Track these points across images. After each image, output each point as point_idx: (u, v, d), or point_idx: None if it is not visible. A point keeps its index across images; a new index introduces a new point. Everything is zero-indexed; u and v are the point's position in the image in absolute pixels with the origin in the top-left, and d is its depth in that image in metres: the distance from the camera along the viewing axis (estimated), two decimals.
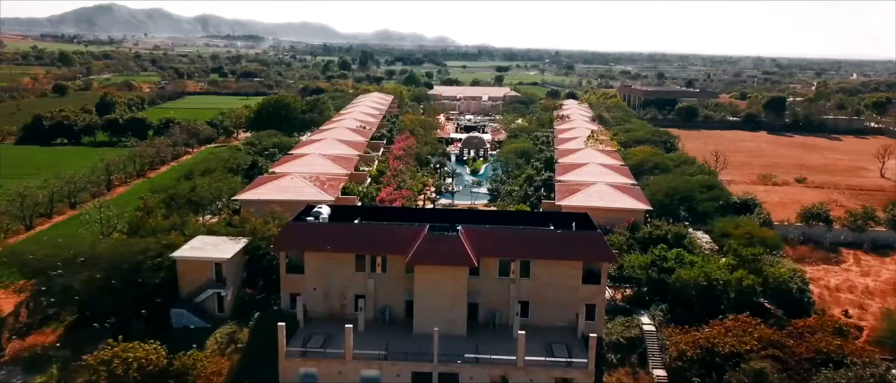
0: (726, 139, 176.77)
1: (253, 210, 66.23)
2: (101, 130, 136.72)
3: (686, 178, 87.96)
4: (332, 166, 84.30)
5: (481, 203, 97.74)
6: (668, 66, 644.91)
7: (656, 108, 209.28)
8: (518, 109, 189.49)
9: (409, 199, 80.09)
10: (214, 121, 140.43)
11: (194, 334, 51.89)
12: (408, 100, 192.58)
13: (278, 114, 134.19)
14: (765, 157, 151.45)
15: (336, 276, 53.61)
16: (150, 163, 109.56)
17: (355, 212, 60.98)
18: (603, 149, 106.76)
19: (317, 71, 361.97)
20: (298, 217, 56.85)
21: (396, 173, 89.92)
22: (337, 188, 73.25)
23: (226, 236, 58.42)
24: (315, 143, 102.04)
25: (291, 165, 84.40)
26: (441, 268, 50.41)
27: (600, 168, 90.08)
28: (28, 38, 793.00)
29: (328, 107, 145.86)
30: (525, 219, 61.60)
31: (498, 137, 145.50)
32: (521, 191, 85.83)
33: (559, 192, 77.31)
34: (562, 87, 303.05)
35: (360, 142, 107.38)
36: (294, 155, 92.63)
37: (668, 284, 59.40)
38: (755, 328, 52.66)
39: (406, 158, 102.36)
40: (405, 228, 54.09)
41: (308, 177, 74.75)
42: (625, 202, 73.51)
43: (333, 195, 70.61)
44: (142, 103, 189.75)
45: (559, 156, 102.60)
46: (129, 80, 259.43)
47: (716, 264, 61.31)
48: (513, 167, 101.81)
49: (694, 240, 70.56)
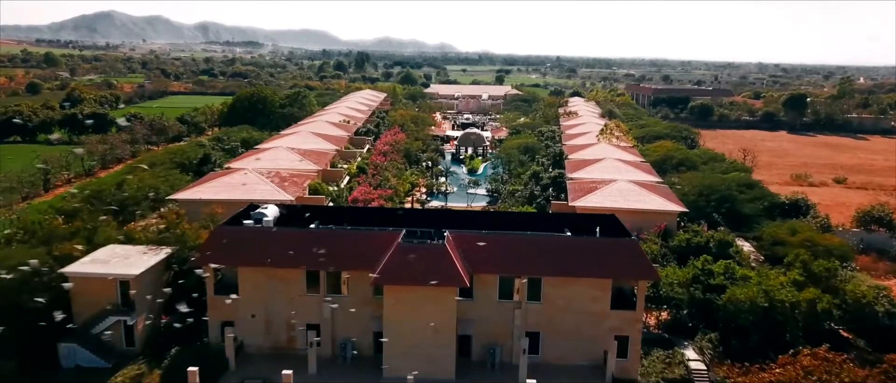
0: (745, 138, 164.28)
1: (189, 211, 52.87)
2: (58, 127, 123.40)
3: (721, 176, 74.32)
4: (301, 162, 70.90)
5: (479, 206, 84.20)
6: (672, 71, 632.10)
7: (668, 107, 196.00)
8: (520, 108, 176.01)
9: (391, 200, 66.59)
10: (186, 118, 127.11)
11: (90, 376, 38.51)
12: (402, 97, 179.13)
13: (254, 108, 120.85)
14: (791, 157, 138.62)
15: (281, 299, 40.11)
16: (101, 162, 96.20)
17: (315, 213, 47.52)
18: (619, 145, 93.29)
19: (311, 73, 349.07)
20: (234, 219, 43.37)
21: (377, 170, 76.41)
22: (301, 186, 59.76)
23: (146, 246, 44.95)
24: (286, 137, 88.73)
25: (252, 161, 71.05)
26: (420, 290, 36.88)
27: (619, 164, 76.61)
28: (23, 43, 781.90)
29: (310, 102, 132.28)
30: (533, 221, 47.96)
31: (498, 135, 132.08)
32: (526, 190, 72.21)
33: (573, 191, 63.69)
34: (565, 89, 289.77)
35: (340, 136, 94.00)
36: (260, 149, 79.32)
37: (718, 306, 45.98)
38: (843, 368, 39.28)
39: (393, 155, 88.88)
40: (374, 235, 40.59)
41: (267, 174, 61.27)
42: (654, 202, 59.88)
43: (295, 194, 57.11)
44: (116, 101, 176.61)
45: (569, 152, 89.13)
46: (110, 80, 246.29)
47: (777, 280, 47.75)
48: (516, 165, 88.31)
49: (740, 249, 57.03)
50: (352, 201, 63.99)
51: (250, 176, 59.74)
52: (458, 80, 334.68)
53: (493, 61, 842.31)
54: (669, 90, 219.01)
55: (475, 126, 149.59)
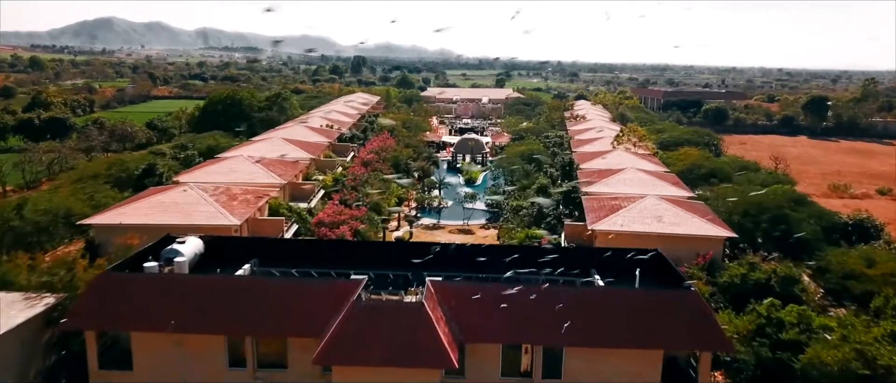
0: (764, 144, 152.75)
1: (103, 242, 41.12)
2: (14, 133, 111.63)
3: (765, 189, 62.29)
4: (263, 174, 59.05)
5: (478, 224, 72.33)
6: (675, 75, 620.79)
7: (679, 110, 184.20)
8: (523, 112, 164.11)
9: (369, 220, 54.73)
10: (154, 123, 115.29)
11: None
12: (396, 101, 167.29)
13: (228, 112, 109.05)
14: (820, 165, 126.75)
15: (194, 376, 28.26)
16: (48, 172, 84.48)
17: (260, 247, 35.68)
18: (636, 152, 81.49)
19: (306, 76, 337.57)
20: (133, 260, 31.48)
21: (356, 183, 64.53)
22: (253, 205, 47.86)
23: (23, 293, 33.12)
24: (255, 144, 76.94)
25: (204, 173, 59.19)
26: (386, 372, 25.03)
27: (642, 175, 64.69)
28: (17, 48, 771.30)
29: (292, 105, 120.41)
30: (543, 258, 36.00)
31: (499, 141, 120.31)
32: (533, 208, 60.21)
33: (591, 211, 51.71)
34: (568, 92, 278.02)
35: (318, 143, 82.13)
36: (221, 158, 67.50)
37: (795, 372, 34.13)
38: None
39: (378, 164, 77.09)
40: (325, 284, 28.80)
41: (214, 191, 49.38)
42: (695, 226, 47.90)
43: (243, 217, 45.18)
44: (91, 106, 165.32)
45: (580, 160, 77.10)
46: (93, 85, 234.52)
47: (869, 334, 35.81)
48: (520, 176, 76.48)
49: (806, 286, 45.10)
50: (317, 224, 52.10)
51: (192, 194, 47.85)
52: (457, 84, 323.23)
53: (494, 66, 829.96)
54: (680, 93, 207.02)
55: (474, 131, 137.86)
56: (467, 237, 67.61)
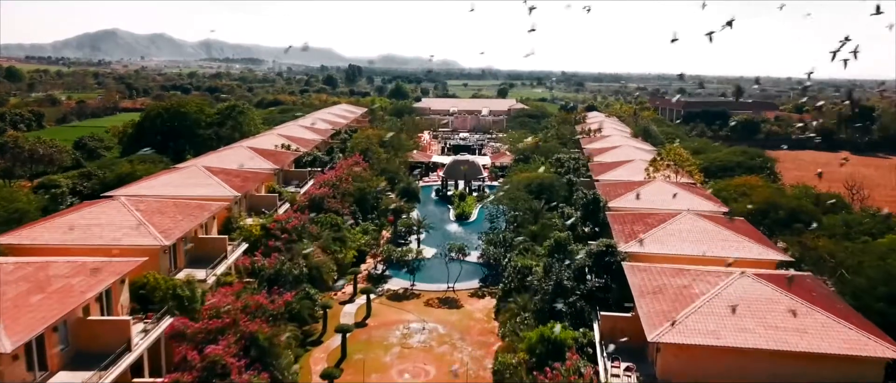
0: (805, 161, 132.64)
1: None
2: None
3: (883, 246, 41.88)
4: (154, 219, 38.94)
5: (467, 289, 52.04)
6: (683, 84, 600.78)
7: (703, 123, 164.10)
8: (527, 125, 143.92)
9: (289, 313, 34.54)
10: (84, 141, 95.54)
11: None
12: (384, 113, 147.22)
13: (170, 127, 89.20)
14: (885, 189, 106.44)
15: None
16: None
17: None
18: (680, 182, 61.25)
19: (297, 87, 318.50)
20: None
21: (291, 237, 44.24)
22: (98, 284, 27.79)
23: None
24: (169, 174, 56.81)
25: (70, 219, 39.15)
26: None
27: (704, 224, 44.19)
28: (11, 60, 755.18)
29: (249, 118, 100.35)
30: None
31: (500, 161, 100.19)
32: (551, 279, 39.74)
33: (644, 297, 31.34)
34: (576, 103, 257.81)
35: (259, 171, 61.86)
36: (106, 197, 47.31)
37: None
38: None
39: (332, 202, 56.88)
40: None
41: (37, 265, 29.32)
42: (835, 336, 27.49)
43: (56, 316, 25.03)
44: (39, 120, 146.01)
45: (606, 193, 56.34)
46: (56, 96, 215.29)
47: None
48: (528, 217, 56.17)
49: None
50: (208, 312, 31.99)
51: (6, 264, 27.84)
52: (457, 95, 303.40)
53: (497, 76, 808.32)
54: (705, 103, 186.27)
55: (469, 150, 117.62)
56: (451, 312, 47.34)
